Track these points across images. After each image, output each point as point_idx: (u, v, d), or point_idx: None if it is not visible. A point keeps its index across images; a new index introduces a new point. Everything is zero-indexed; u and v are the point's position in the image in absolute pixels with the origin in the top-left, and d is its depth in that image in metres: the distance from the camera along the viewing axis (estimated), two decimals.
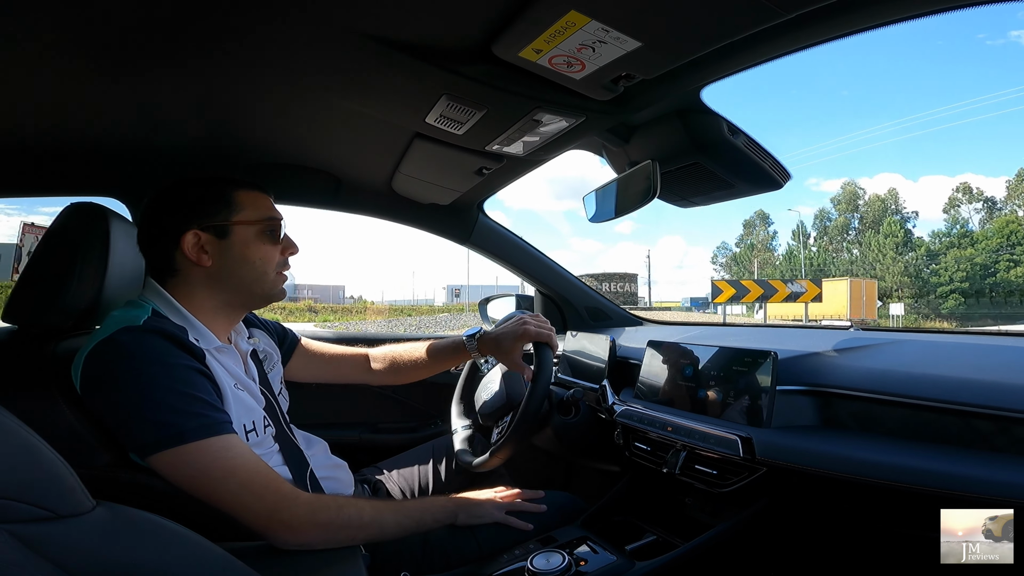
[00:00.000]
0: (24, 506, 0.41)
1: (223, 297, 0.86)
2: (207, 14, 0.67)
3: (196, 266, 0.83)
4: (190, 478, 0.70)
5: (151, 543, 0.50)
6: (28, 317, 0.86)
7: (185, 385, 0.73)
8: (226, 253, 0.84)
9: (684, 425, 0.96)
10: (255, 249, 0.85)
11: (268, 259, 0.87)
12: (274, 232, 0.88)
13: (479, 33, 0.71)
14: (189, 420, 0.70)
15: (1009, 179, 41.14)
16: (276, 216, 0.89)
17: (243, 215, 0.85)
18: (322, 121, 1.02)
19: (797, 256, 46.53)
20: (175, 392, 0.71)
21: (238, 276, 0.85)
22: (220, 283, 0.85)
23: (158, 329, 0.75)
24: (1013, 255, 37.02)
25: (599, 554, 0.91)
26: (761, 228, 51.78)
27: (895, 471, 0.70)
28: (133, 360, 0.72)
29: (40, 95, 0.86)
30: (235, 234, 0.84)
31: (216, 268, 0.84)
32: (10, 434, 0.44)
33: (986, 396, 0.69)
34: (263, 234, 0.86)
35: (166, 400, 0.70)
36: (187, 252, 0.82)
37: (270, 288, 0.88)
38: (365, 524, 0.78)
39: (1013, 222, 38.20)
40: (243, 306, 0.91)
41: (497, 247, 1.70)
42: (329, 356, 1.21)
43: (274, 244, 0.88)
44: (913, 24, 0.66)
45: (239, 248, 0.84)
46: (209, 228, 0.83)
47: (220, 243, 0.83)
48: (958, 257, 38.70)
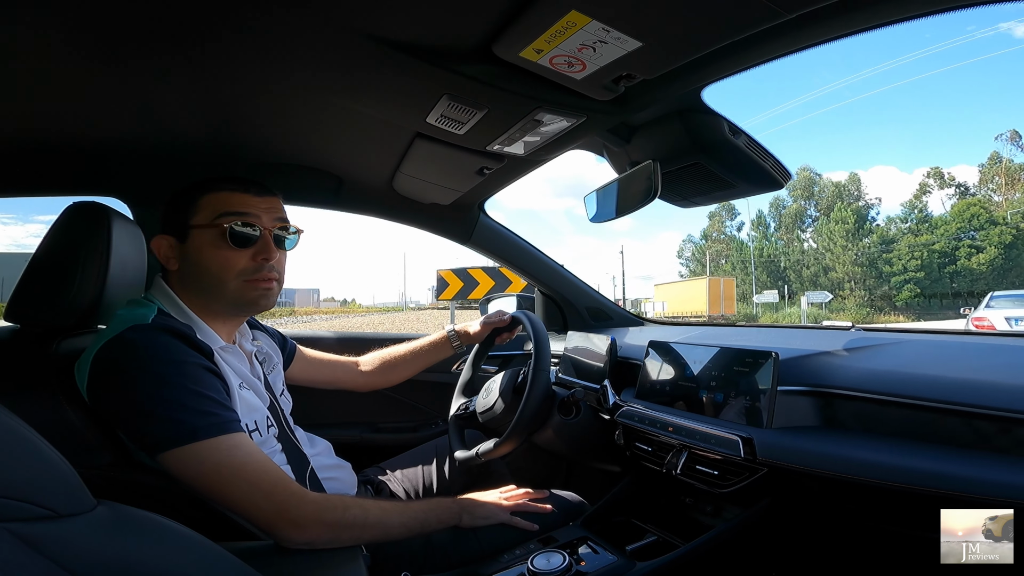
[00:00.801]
0: (25, 505, 0.41)
1: (199, 302, 0.84)
2: (208, 14, 0.67)
3: (169, 271, 0.84)
4: (200, 476, 0.70)
5: (152, 542, 0.50)
6: (30, 316, 0.86)
7: (196, 383, 0.73)
8: (186, 258, 0.82)
9: (685, 425, 0.96)
10: (209, 253, 0.81)
11: (227, 265, 0.81)
12: (237, 236, 0.81)
13: (480, 33, 0.71)
14: (200, 418, 0.71)
15: (982, 164, 38.47)
16: (237, 219, 0.81)
17: (198, 218, 0.81)
18: (323, 121, 1.02)
19: (746, 248, 43.74)
20: (186, 390, 0.72)
21: (200, 282, 0.83)
22: (190, 288, 0.84)
23: (167, 327, 0.76)
24: (975, 241, 33.86)
25: (599, 554, 0.91)
26: (720, 219, 47.65)
27: (895, 471, 0.70)
28: (144, 358, 0.72)
29: (41, 95, 0.86)
30: (192, 238, 0.82)
31: (182, 273, 0.83)
32: (11, 433, 0.44)
33: (988, 397, 0.69)
34: (220, 238, 0.81)
35: (177, 398, 0.71)
36: (159, 255, 0.83)
37: (233, 296, 0.83)
38: (370, 525, 0.78)
39: (975, 204, 35.05)
40: (221, 312, 0.86)
41: (498, 247, 1.70)
42: (323, 361, 1.25)
43: (235, 249, 0.82)
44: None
45: (195, 254, 0.82)
46: (169, 230, 0.83)
47: (181, 247, 0.83)
48: (912, 244, 35.98)
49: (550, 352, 1.11)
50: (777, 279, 41.60)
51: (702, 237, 48.84)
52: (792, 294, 37.81)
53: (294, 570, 0.70)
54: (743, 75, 0.79)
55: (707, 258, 45.95)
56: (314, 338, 1.68)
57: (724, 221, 48.20)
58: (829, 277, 38.32)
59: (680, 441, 0.97)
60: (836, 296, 35.40)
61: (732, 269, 43.11)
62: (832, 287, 37.33)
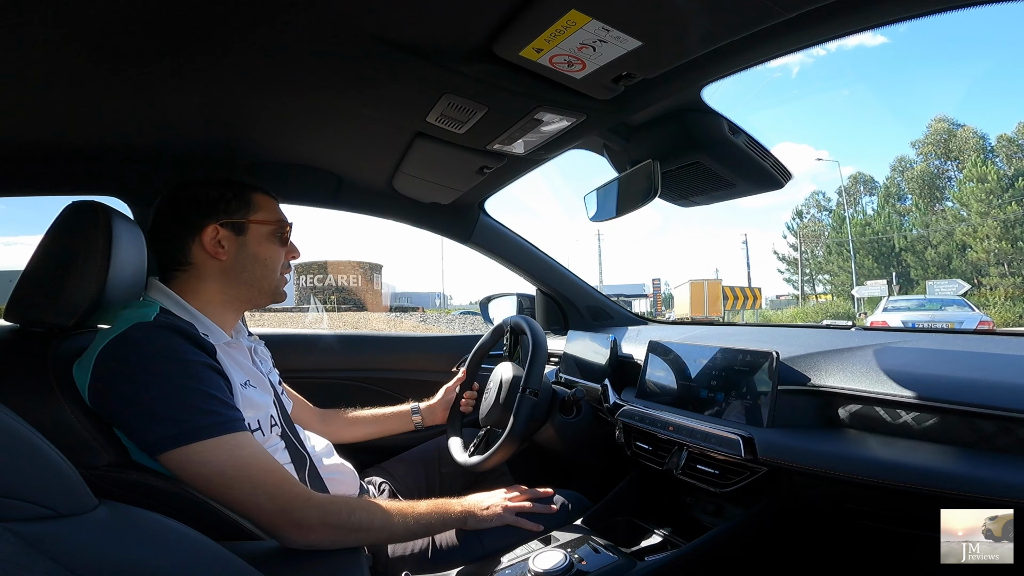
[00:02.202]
0: (26, 504, 0.42)
1: (232, 292, 0.90)
2: (208, 14, 0.67)
3: (211, 259, 0.87)
4: (202, 476, 0.70)
5: (153, 542, 0.51)
6: (29, 315, 0.86)
7: (199, 382, 0.73)
8: (241, 250, 0.89)
9: (685, 425, 0.96)
10: (266, 248, 0.91)
11: (276, 259, 0.93)
12: (283, 235, 0.94)
13: (480, 32, 0.71)
14: (203, 417, 0.71)
15: None
16: (286, 221, 0.95)
17: (259, 215, 0.91)
18: (323, 120, 1.02)
19: (846, 224, 28.38)
20: (189, 389, 0.72)
21: (249, 272, 0.90)
22: (231, 278, 0.89)
23: (170, 325, 0.76)
24: None
25: (600, 554, 0.91)
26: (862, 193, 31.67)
27: (895, 471, 0.70)
28: (147, 356, 0.72)
29: (42, 95, 0.86)
30: (251, 232, 0.90)
31: (230, 263, 0.88)
32: (12, 433, 0.44)
33: (989, 396, 0.69)
34: (273, 235, 0.92)
35: (180, 397, 0.71)
36: (206, 245, 0.86)
37: (275, 286, 0.94)
38: (375, 528, 0.79)
39: None
40: (248, 302, 0.93)
41: (498, 247, 1.70)
42: (291, 396, 1.20)
43: (281, 246, 0.94)
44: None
45: (253, 246, 0.90)
46: (228, 224, 0.88)
47: (237, 239, 0.89)
48: None
49: (543, 369, 1.10)
50: (889, 264, 27.80)
51: (794, 216, 33.78)
52: (910, 284, 25.72)
53: (296, 571, 0.70)
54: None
55: (799, 241, 32.60)
56: (314, 337, 1.68)
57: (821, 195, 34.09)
58: (967, 258, 24.95)
59: (680, 440, 0.97)
60: (976, 287, 23.06)
61: (828, 254, 30.74)
62: (970, 273, 24.44)
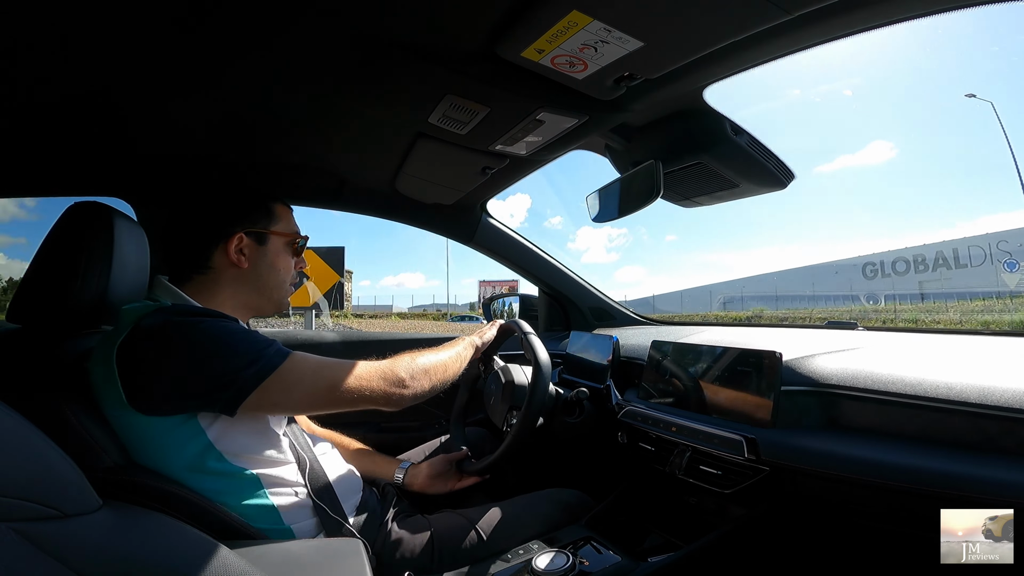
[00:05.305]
0: (31, 505, 0.42)
1: (243, 299, 0.92)
2: (211, 15, 0.67)
3: (232, 267, 0.90)
4: (305, 395, 0.78)
5: (156, 542, 0.51)
6: (33, 317, 0.86)
7: (239, 330, 0.78)
8: (261, 259, 0.92)
9: (688, 426, 0.96)
10: (283, 259, 0.95)
11: (288, 270, 0.97)
12: (299, 247, 0.99)
13: (482, 33, 0.71)
14: (267, 348, 0.77)
15: None
16: (300, 233, 0.99)
17: (280, 227, 0.95)
18: (326, 121, 1.02)
19: None
20: (237, 335, 0.76)
21: (263, 280, 0.93)
22: (247, 285, 0.92)
23: (188, 309, 0.80)
24: None
25: (603, 554, 0.91)
26: None
27: (896, 471, 0.70)
28: (186, 326, 0.75)
29: (43, 96, 0.86)
30: (271, 242, 0.94)
31: (249, 271, 0.91)
32: (17, 433, 0.44)
33: (993, 396, 0.69)
34: (289, 247, 0.97)
35: (235, 343, 0.75)
36: (229, 252, 0.89)
37: (285, 295, 0.98)
38: (432, 363, 0.93)
39: None
40: (256, 310, 0.96)
41: (501, 247, 1.70)
42: None
43: (295, 258, 0.98)
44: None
45: (272, 256, 0.94)
46: (252, 233, 0.91)
47: (258, 248, 0.92)
48: None
49: (547, 386, 1.07)
50: None
51: None
52: None
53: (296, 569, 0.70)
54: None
55: None
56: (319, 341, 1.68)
57: None
58: None
59: (683, 441, 0.97)
60: None
61: None
62: None
